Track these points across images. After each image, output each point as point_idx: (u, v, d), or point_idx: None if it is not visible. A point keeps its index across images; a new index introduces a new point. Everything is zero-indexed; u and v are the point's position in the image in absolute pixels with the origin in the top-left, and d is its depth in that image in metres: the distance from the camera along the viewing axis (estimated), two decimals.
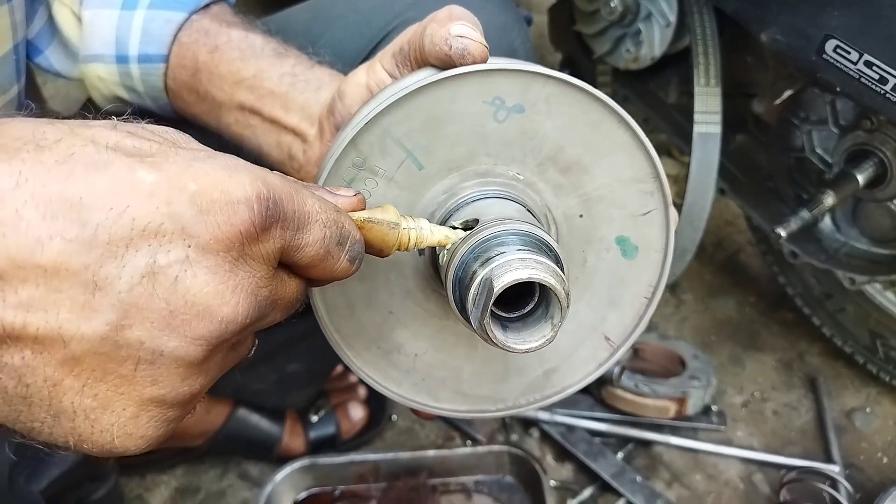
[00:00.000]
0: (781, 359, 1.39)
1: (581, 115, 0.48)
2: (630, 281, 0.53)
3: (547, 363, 0.55)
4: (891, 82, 0.83)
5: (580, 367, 0.55)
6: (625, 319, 0.54)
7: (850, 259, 1.16)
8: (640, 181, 0.50)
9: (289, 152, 0.63)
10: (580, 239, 0.51)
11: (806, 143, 1.12)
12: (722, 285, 1.51)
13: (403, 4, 0.76)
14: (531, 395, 0.56)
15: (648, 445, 1.24)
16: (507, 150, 0.48)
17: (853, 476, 1.21)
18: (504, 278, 0.40)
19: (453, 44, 0.47)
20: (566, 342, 0.54)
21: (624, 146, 0.49)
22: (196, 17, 0.67)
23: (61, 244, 0.30)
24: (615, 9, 1.17)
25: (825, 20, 0.86)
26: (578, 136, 0.48)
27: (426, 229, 0.45)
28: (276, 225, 0.35)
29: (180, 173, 0.32)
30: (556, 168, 0.49)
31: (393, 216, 0.43)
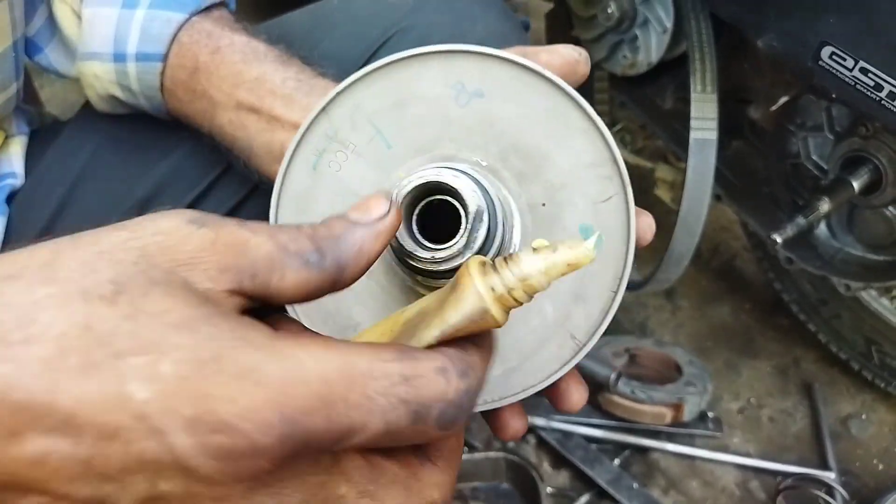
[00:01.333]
0: (777, 365, 1.39)
1: (539, 100, 0.48)
2: (595, 273, 0.50)
3: (507, 362, 0.52)
4: (886, 89, 0.83)
5: (543, 367, 0.52)
6: (591, 315, 0.51)
7: (846, 265, 1.16)
8: (598, 165, 0.49)
9: (280, 151, 0.62)
10: (544, 229, 0.50)
11: (802, 149, 1.13)
12: (718, 291, 1.51)
13: (402, 12, 0.76)
14: (487, 395, 0.52)
15: (645, 452, 1.24)
16: (469, 136, 0.48)
17: (849, 483, 1.21)
18: (412, 179, 0.40)
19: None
20: (528, 340, 0.52)
21: (581, 130, 0.49)
22: (197, 19, 0.67)
23: (58, 463, 0.28)
24: (612, 15, 1.18)
25: (821, 27, 0.86)
26: (537, 122, 0.48)
27: (533, 272, 0.34)
28: (302, 452, 0.29)
29: (176, 390, 0.28)
30: (518, 155, 0.49)
31: (474, 302, 0.33)
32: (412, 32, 0.74)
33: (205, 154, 0.72)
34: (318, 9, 0.82)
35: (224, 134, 0.66)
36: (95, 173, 0.74)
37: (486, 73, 0.47)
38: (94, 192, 0.74)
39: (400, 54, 0.46)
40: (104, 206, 0.73)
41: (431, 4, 0.76)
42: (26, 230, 0.72)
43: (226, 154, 0.68)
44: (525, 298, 0.34)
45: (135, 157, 0.75)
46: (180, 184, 0.74)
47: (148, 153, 0.75)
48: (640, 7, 1.16)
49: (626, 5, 1.17)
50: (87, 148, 0.75)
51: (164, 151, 0.75)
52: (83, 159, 0.75)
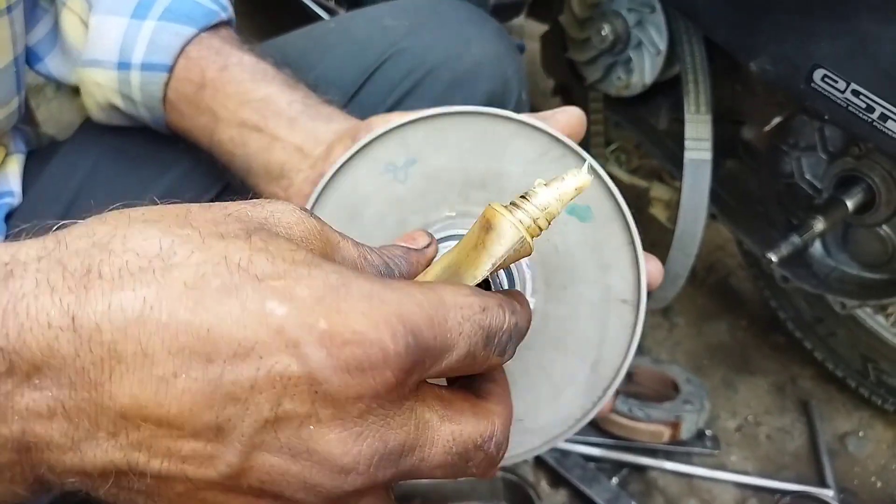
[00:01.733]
0: (774, 382, 1.39)
1: (464, 135, 0.50)
2: (606, 238, 0.52)
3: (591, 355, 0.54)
4: (877, 111, 0.84)
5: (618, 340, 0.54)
6: (626, 276, 0.52)
7: (841, 283, 1.17)
8: (545, 153, 0.51)
9: (280, 172, 0.63)
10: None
11: (795, 169, 1.14)
12: (714, 309, 1.51)
13: (398, 34, 0.77)
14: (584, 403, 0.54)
15: (643, 470, 1.24)
16: (426, 200, 0.51)
17: (847, 501, 1.21)
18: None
19: None
20: (591, 324, 0.53)
21: (514, 134, 0.51)
22: (206, 35, 0.67)
23: (185, 383, 0.29)
24: (606, 37, 1.19)
25: (813, 50, 0.87)
26: (473, 152, 0.51)
27: (550, 200, 0.39)
28: (417, 366, 0.32)
29: (312, 306, 0.30)
30: (476, 187, 0.51)
31: (512, 233, 0.38)
32: (408, 54, 0.75)
33: (203, 171, 0.72)
34: (314, 31, 0.82)
35: (223, 150, 0.67)
36: (93, 191, 0.74)
37: (405, 143, 0.50)
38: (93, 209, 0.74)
39: (326, 177, 0.50)
40: None
41: (427, 27, 0.76)
42: None
43: (222, 170, 0.69)
44: (546, 225, 0.39)
45: (132, 175, 0.75)
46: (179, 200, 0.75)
47: (145, 170, 0.75)
48: (633, 30, 1.18)
49: (620, 28, 1.18)
50: (84, 166, 0.75)
51: (161, 169, 0.75)
52: (80, 177, 0.75)
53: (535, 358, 0.53)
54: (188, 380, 0.29)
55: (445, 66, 0.74)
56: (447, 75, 0.74)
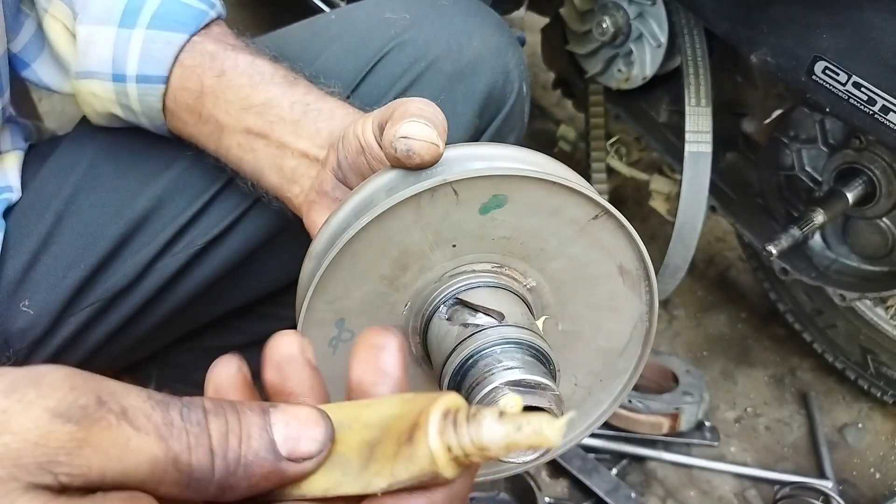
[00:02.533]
0: (773, 374, 1.40)
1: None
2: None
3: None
4: (879, 103, 0.84)
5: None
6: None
7: (841, 276, 1.17)
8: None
9: (291, 176, 0.63)
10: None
11: (796, 161, 1.14)
12: (713, 301, 1.52)
13: (399, 27, 0.76)
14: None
15: (642, 461, 1.25)
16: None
17: (846, 492, 1.21)
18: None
19: (398, 146, 0.47)
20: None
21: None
22: (198, 39, 0.66)
23: None
24: (607, 29, 1.19)
25: (814, 42, 0.87)
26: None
27: (494, 439, 0.30)
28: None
29: None
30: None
31: (423, 463, 0.30)
32: (409, 47, 0.75)
33: (206, 167, 0.72)
34: (315, 23, 0.82)
35: (231, 156, 0.66)
36: (93, 187, 0.74)
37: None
38: (92, 204, 0.73)
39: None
40: (102, 219, 0.73)
41: (428, 19, 0.76)
42: (23, 243, 0.72)
43: (231, 174, 0.69)
44: (478, 461, 0.31)
45: (134, 170, 0.75)
46: (182, 197, 0.74)
47: (147, 166, 0.74)
48: (634, 22, 1.17)
49: (620, 20, 1.18)
50: (83, 161, 0.75)
51: (163, 164, 0.74)
52: (80, 173, 0.74)
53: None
54: None
55: (447, 58, 0.74)
56: (448, 68, 0.74)
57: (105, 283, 0.74)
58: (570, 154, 1.59)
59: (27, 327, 0.71)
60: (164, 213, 0.74)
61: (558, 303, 0.51)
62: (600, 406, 0.56)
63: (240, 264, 0.77)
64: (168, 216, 0.74)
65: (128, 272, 0.74)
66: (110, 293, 0.74)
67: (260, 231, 0.76)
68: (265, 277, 0.81)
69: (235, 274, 0.78)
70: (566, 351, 0.53)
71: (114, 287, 0.74)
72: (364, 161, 0.55)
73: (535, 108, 1.86)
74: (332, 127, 0.61)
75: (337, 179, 0.59)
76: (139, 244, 0.74)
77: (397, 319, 0.49)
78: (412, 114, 0.48)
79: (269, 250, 0.78)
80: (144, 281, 0.75)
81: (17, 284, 0.71)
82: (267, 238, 0.77)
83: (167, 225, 0.74)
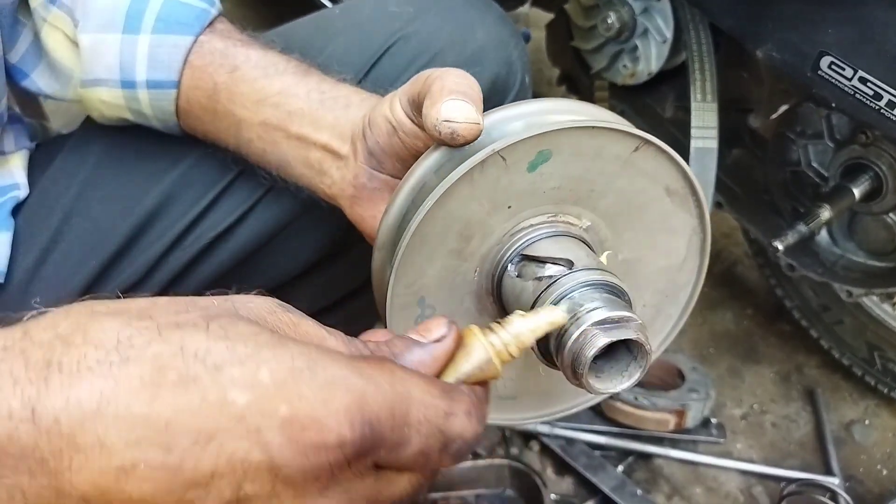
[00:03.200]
0: (780, 371, 1.39)
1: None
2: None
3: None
4: (885, 98, 0.84)
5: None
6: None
7: (847, 272, 1.17)
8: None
9: (319, 168, 0.63)
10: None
11: (802, 157, 1.13)
12: (720, 298, 1.51)
13: (404, 19, 0.77)
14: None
15: (648, 458, 1.25)
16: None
17: (853, 488, 1.21)
18: (598, 342, 0.43)
19: (442, 129, 0.48)
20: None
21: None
22: (204, 38, 0.66)
23: (146, 472, 0.30)
24: (612, 25, 1.19)
25: (820, 37, 0.87)
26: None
27: (523, 329, 0.42)
28: (371, 452, 0.33)
29: (274, 394, 0.31)
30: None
31: (481, 353, 0.40)
32: (414, 39, 0.75)
33: (214, 161, 0.72)
34: (320, 17, 0.82)
35: (252, 149, 0.66)
36: (102, 182, 0.74)
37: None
38: (101, 201, 0.74)
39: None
40: (111, 216, 0.73)
41: (432, 12, 0.76)
42: (33, 241, 0.72)
43: (252, 165, 0.69)
44: (517, 353, 0.41)
45: (142, 167, 0.75)
46: (190, 192, 0.75)
47: (155, 162, 0.75)
48: (639, 18, 1.17)
49: (625, 16, 1.18)
50: (91, 159, 0.75)
51: (172, 160, 0.75)
52: (87, 171, 0.74)
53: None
54: (148, 468, 0.29)
55: (450, 50, 0.74)
56: (452, 59, 0.74)
57: (116, 280, 0.74)
58: None
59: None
60: (174, 209, 0.74)
61: (615, 235, 0.54)
62: (670, 320, 0.60)
63: (249, 257, 0.78)
64: (177, 211, 0.74)
65: (138, 268, 0.74)
66: (121, 289, 0.74)
67: (269, 223, 0.77)
68: (275, 269, 0.81)
69: (245, 266, 0.78)
70: (630, 277, 0.55)
71: (124, 283, 0.74)
72: (398, 140, 0.56)
73: None
74: (349, 115, 0.61)
75: (371, 168, 0.59)
76: (149, 240, 0.74)
77: (470, 286, 0.52)
78: (451, 90, 0.49)
79: (279, 242, 0.78)
80: (155, 276, 0.75)
81: (27, 282, 0.72)
82: (276, 230, 0.77)
83: (177, 220, 0.74)
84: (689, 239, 0.56)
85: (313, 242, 0.79)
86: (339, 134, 0.61)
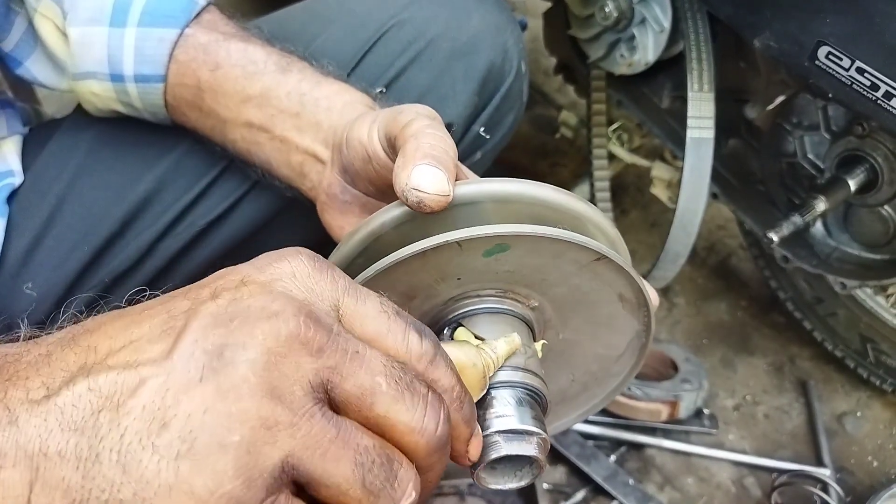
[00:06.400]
0: (773, 362, 1.40)
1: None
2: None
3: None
4: (882, 89, 0.84)
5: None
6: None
7: (842, 264, 1.17)
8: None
9: (300, 170, 0.63)
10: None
11: (798, 148, 1.13)
12: (714, 289, 1.51)
13: (397, 7, 0.76)
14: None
15: (641, 448, 1.25)
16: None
17: (844, 480, 1.22)
18: (497, 451, 0.43)
19: (409, 196, 0.47)
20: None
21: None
22: (189, 32, 0.65)
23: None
24: (609, 14, 1.18)
25: (817, 27, 0.86)
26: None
27: (502, 354, 0.46)
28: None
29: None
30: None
31: (471, 354, 0.43)
32: (408, 26, 0.75)
33: (207, 149, 0.72)
34: (313, 4, 0.82)
35: (238, 148, 0.67)
36: (95, 168, 0.74)
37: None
38: (94, 187, 0.73)
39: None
40: (104, 202, 0.73)
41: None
42: (26, 226, 0.72)
43: (239, 164, 0.69)
44: (490, 372, 0.45)
45: (135, 153, 0.75)
46: (182, 180, 0.75)
47: (148, 149, 0.75)
48: (637, 6, 1.16)
49: (623, 5, 1.17)
50: (84, 143, 0.75)
51: (165, 147, 0.74)
52: (80, 156, 0.74)
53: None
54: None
55: (446, 36, 0.74)
56: (447, 46, 0.74)
57: (108, 266, 0.74)
58: (572, 140, 1.58)
59: (30, 310, 0.72)
60: (166, 195, 0.74)
61: (560, 318, 0.53)
62: (593, 399, 0.61)
63: (240, 245, 0.78)
64: (170, 198, 0.74)
65: (131, 254, 0.74)
66: (113, 275, 0.74)
67: (261, 212, 0.77)
68: None
69: (236, 255, 0.78)
70: (566, 354, 0.56)
71: (117, 269, 0.74)
72: (372, 168, 0.55)
73: (537, 93, 1.85)
74: (331, 120, 0.61)
75: (344, 181, 0.59)
76: (141, 226, 0.74)
77: None
78: (424, 154, 0.48)
79: (270, 231, 0.78)
80: (146, 263, 0.75)
81: (20, 267, 0.71)
82: (268, 219, 0.77)
83: (169, 207, 0.74)
84: (630, 339, 0.56)
85: (303, 231, 0.79)
86: (322, 139, 0.61)
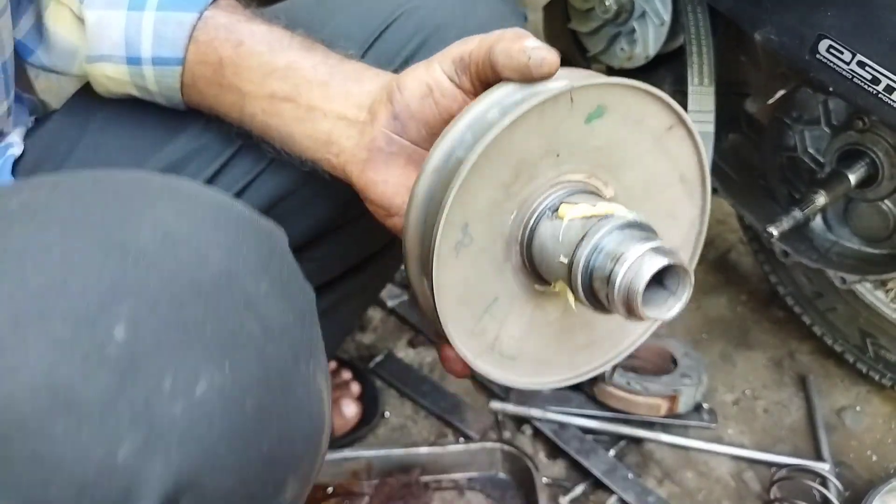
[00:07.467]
0: (772, 357, 1.40)
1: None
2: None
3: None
4: (883, 83, 0.84)
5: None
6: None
7: (841, 258, 1.17)
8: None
9: (327, 138, 0.63)
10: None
11: (798, 142, 1.13)
12: (713, 283, 1.51)
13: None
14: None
15: (640, 443, 1.25)
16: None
17: (843, 474, 1.22)
18: (646, 270, 0.46)
19: (532, 55, 0.50)
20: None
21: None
22: (209, 14, 0.66)
23: None
24: (610, 7, 1.17)
25: (818, 20, 0.86)
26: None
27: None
28: None
29: None
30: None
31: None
32: (417, 13, 0.75)
33: (219, 131, 0.72)
34: None
35: (256, 123, 0.66)
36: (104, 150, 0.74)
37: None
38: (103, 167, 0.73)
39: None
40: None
41: None
42: None
43: (255, 140, 0.69)
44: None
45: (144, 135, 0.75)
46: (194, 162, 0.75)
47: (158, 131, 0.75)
48: (637, 0, 1.16)
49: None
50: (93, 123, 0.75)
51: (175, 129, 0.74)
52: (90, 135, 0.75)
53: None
54: None
55: (452, 25, 0.74)
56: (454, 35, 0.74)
57: None
58: None
59: None
60: (184, 174, 0.74)
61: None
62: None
63: None
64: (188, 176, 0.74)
65: None
66: None
67: (274, 191, 0.77)
68: None
69: None
70: None
71: None
72: (431, 102, 0.57)
73: None
74: (363, 88, 0.62)
75: (391, 132, 0.59)
76: None
77: (504, 227, 0.54)
78: (521, 35, 0.52)
79: (283, 211, 0.78)
80: None
81: None
82: (281, 197, 0.77)
83: None
84: (687, 230, 0.60)
85: (317, 213, 0.79)
86: (356, 103, 0.61)
